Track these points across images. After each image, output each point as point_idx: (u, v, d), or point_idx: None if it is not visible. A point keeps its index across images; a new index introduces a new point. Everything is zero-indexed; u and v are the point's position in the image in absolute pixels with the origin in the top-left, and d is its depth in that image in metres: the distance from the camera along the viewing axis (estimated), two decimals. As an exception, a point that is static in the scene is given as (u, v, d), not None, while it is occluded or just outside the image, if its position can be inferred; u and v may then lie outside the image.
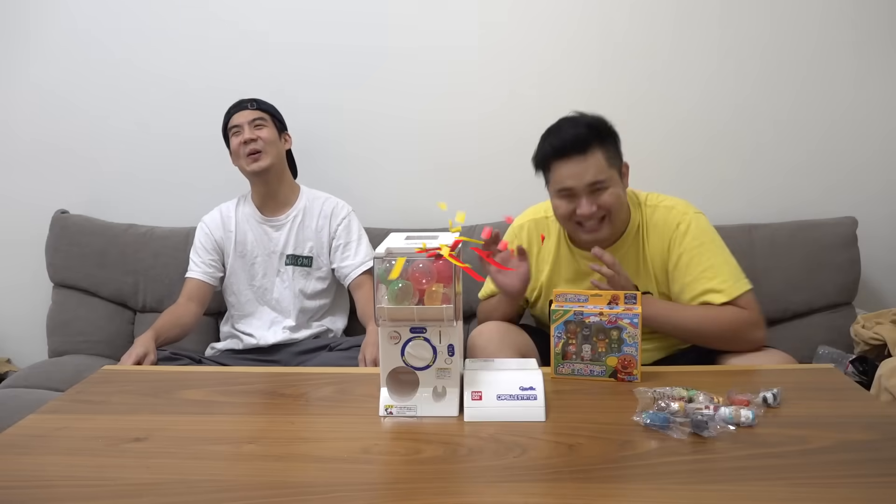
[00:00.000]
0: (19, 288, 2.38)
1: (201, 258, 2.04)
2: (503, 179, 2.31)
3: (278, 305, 2.04)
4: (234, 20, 2.27)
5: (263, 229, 2.05)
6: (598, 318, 1.34)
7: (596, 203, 1.56)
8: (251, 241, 2.04)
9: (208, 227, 2.06)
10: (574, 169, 1.55)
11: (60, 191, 2.35)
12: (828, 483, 0.98)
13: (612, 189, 1.57)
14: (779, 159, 2.28)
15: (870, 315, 2.05)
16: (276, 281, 2.05)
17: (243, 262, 2.05)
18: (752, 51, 2.23)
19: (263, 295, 2.05)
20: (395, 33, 2.27)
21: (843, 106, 2.25)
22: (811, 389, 1.32)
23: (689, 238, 1.60)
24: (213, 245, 2.05)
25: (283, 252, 2.04)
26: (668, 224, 1.63)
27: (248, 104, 2.03)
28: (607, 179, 1.56)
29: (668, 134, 2.23)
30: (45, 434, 1.18)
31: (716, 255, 1.59)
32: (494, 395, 1.21)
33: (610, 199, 1.56)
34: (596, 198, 1.56)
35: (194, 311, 1.99)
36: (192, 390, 1.40)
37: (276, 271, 2.05)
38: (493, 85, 2.28)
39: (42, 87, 2.32)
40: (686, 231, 1.60)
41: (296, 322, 2.03)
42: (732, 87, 2.25)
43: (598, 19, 2.24)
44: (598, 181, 1.55)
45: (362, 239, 2.07)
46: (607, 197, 1.56)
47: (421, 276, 1.18)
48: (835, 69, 2.23)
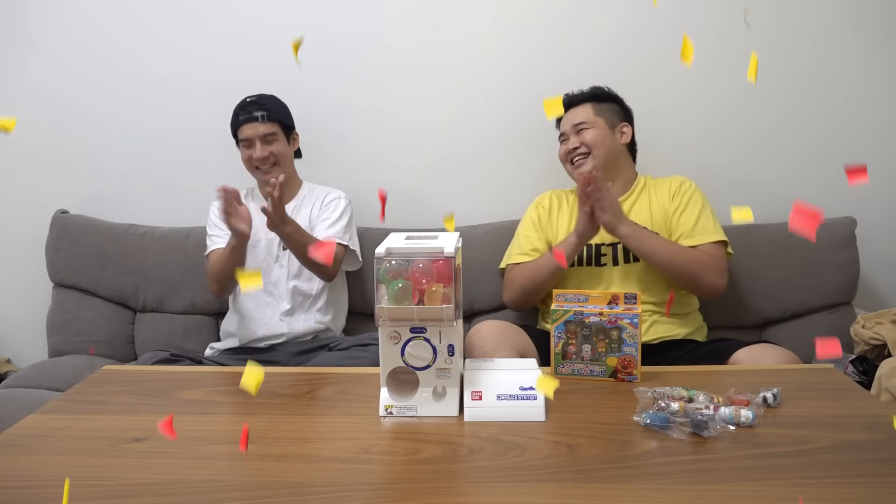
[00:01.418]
0: (19, 288, 2.38)
1: (221, 230, 2.00)
2: (503, 179, 2.32)
3: (275, 289, 2.05)
4: (234, 19, 2.27)
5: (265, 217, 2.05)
6: (598, 318, 1.34)
7: (580, 140, 1.96)
8: (256, 225, 2.02)
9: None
10: (567, 117, 2.01)
11: (60, 191, 2.35)
12: (828, 483, 0.98)
13: (595, 130, 1.96)
14: (777, 159, 2.28)
15: (870, 315, 2.05)
16: (274, 266, 2.06)
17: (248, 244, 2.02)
18: (749, 50, 2.23)
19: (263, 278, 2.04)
20: (396, 31, 2.27)
21: (842, 106, 2.25)
22: (811, 389, 1.32)
23: (689, 193, 1.94)
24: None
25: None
26: (673, 181, 1.99)
27: (257, 116, 2.00)
28: (590, 122, 1.96)
29: (664, 134, 2.23)
30: (45, 434, 1.18)
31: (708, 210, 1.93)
32: (494, 395, 1.22)
33: (590, 137, 1.95)
34: (580, 136, 1.96)
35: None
36: (192, 390, 1.40)
37: (274, 256, 2.06)
38: (495, 88, 2.28)
39: (42, 88, 2.32)
40: (688, 188, 1.96)
41: (290, 305, 2.03)
42: (730, 86, 2.25)
43: (595, 12, 2.24)
44: (582, 122, 1.97)
45: (343, 218, 2.06)
46: (589, 135, 1.95)
47: (421, 276, 1.18)
48: (834, 68, 2.23)
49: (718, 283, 1.83)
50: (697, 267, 1.81)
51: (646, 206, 1.96)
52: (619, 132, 2.00)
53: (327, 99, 2.30)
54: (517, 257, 2.01)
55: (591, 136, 1.95)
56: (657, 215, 1.93)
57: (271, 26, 2.27)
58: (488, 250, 2.18)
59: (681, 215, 1.91)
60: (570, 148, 1.98)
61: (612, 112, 2.00)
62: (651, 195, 1.98)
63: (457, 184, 2.34)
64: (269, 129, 2.00)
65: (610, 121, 1.98)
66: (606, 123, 1.97)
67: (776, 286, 2.13)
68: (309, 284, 2.06)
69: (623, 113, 2.03)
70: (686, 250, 1.84)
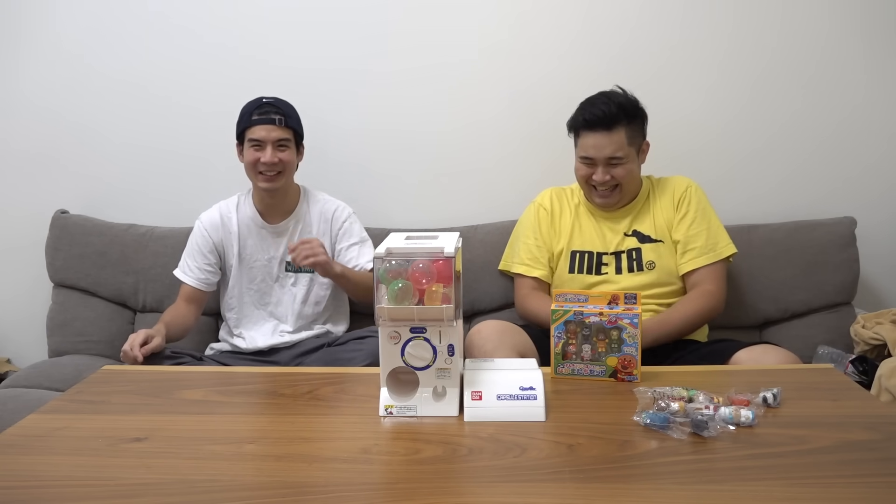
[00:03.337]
0: (19, 288, 2.38)
1: (196, 262, 1.99)
2: (504, 180, 2.32)
3: (276, 311, 2.02)
4: (235, 19, 2.27)
5: (263, 234, 2.00)
6: (598, 318, 1.34)
7: (610, 173, 1.83)
8: (251, 246, 2.00)
9: (206, 230, 2.01)
10: (597, 141, 1.82)
11: (60, 191, 2.35)
12: (828, 483, 0.98)
13: (627, 165, 1.83)
14: (777, 160, 2.28)
15: (870, 315, 2.05)
16: (274, 286, 2.01)
17: (241, 265, 2.01)
18: (753, 52, 2.23)
19: (261, 299, 2.02)
20: (396, 32, 2.27)
21: (842, 106, 2.25)
22: (811, 389, 1.32)
23: (693, 201, 1.91)
24: (211, 247, 2.00)
25: (283, 258, 2.00)
26: (678, 186, 1.94)
27: (275, 118, 1.90)
28: (625, 157, 1.82)
29: (667, 135, 2.22)
30: (45, 434, 1.18)
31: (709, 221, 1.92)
32: (494, 395, 1.21)
33: (622, 173, 1.83)
34: (611, 169, 1.83)
35: (194, 312, 2.00)
36: (192, 390, 1.40)
37: (274, 277, 2.01)
38: (495, 88, 2.28)
39: (42, 88, 2.32)
40: (693, 194, 1.92)
41: (294, 327, 2.01)
42: (732, 87, 2.25)
43: (598, 21, 2.23)
44: (616, 157, 1.82)
45: (366, 241, 2.04)
46: (621, 171, 1.83)
47: (421, 276, 1.18)
48: (835, 70, 2.23)
49: (721, 309, 1.89)
50: (708, 315, 1.86)
51: (649, 214, 1.93)
52: (641, 153, 1.91)
53: (327, 100, 2.29)
54: (519, 267, 2.00)
55: (624, 172, 1.84)
56: (660, 224, 1.92)
57: (270, 29, 2.27)
58: (488, 250, 2.18)
59: (687, 227, 1.89)
60: (598, 181, 1.84)
61: (638, 133, 1.87)
62: (655, 203, 1.94)
63: (457, 184, 2.33)
64: (283, 135, 1.91)
65: (638, 145, 1.88)
66: (635, 151, 1.87)
67: (776, 286, 2.13)
68: (315, 308, 2.03)
69: (644, 125, 1.90)
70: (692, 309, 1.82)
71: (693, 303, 1.84)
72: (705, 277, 1.87)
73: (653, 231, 1.91)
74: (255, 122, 1.91)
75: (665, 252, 1.90)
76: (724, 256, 1.90)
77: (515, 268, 2.02)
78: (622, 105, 1.82)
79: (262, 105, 1.92)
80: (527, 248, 2.00)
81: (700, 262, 1.87)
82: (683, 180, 1.95)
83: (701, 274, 1.87)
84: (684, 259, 1.89)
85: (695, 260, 1.88)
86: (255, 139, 1.90)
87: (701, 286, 1.86)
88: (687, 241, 1.89)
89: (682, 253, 1.89)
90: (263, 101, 1.93)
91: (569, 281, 1.93)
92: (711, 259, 1.88)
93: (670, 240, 1.91)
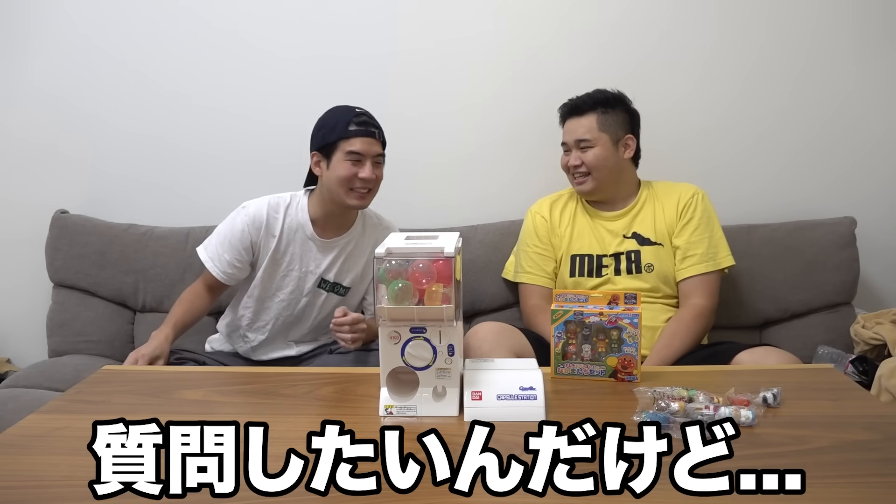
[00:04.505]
0: (19, 288, 2.38)
1: (228, 255, 1.84)
2: (504, 180, 2.32)
3: (292, 319, 1.92)
4: (234, 20, 2.27)
5: (308, 245, 1.86)
6: (598, 318, 1.34)
7: (581, 158, 1.89)
8: (291, 253, 1.86)
9: (249, 226, 1.83)
10: (569, 126, 1.94)
11: (60, 191, 2.35)
12: (827, 483, 0.98)
13: (597, 149, 1.88)
14: (777, 159, 2.28)
15: (869, 315, 2.05)
16: (302, 300, 1.89)
17: (274, 269, 1.87)
18: (748, 50, 2.24)
19: (283, 309, 1.90)
20: (396, 33, 2.27)
21: (842, 106, 2.25)
22: (811, 389, 1.33)
23: (699, 209, 1.91)
24: (248, 245, 1.84)
25: (321, 275, 1.88)
26: (684, 192, 1.94)
27: (374, 131, 1.78)
28: (594, 140, 1.88)
29: (664, 134, 2.23)
30: (45, 434, 1.18)
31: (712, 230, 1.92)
32: (494, 395, 1.21)
33: (590, 158, 1.88)
34: (581, 154, 1.90)
35: (210, 300, 1.91)
36: (192, 390, 1.40)
37: (304, 291, 1.88)
38: (495, 88, 2.29)
39: (42, 88, 2.32)
40: (699, 202, 1.92)
41: (300, 339, 1.96)
42: (729, 86, 2.25)
43: (592, 12, 2.24)
44: (585, 140, 1.89)
45: None
46: (589, 155, 1.88)
47: (421, 276, 1.18)
48: (833, 68, 2.23)
49: (712, 323, 1.89)
50: (703, 330, 1.85)
51: (650, 216, 1.93)
52: (622, 146, 1.91)
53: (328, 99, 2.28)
54: (526, 276, 2.00)
55: (593, 156, 1.88)
56: (661, 227, 1.92)
57: (270, 30, 2.27)
58: (488, 250, 2.18)
59: (690, 234, 1.89)
60: (571, 164, 1.92)
61: (617, 123, 1.90)
62: (656, 205, 1.94)
63: (457, 184, 2.34)
64: (380, 150, 1.79)
65: (614, 135, 1.89)
66: (611, 139, 1.89)
67: (776, 286, 2.13)
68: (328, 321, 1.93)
69: (629, 121, 1.93)
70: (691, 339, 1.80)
71: (690, 330, 1.81)
72: (699, 288, 1.86)
73: (653, 234, 1.91)
74: (354, 133, 1.75)
75: (664, 255, 1.90)
76: (722, 267, 1.90)
77: (520, 277, 2.03)
78: (595, 95, 1.92)
79: (358, 115, 1.77)
80: (528, 257, 2.00)
81: (698, 269, 1.87)
82: (690, 187, 1.95)
83: (696, 283, 1.87)
84: (683, 265, 1.89)
85: (693, 267, 1.87)
86: (356, 152, 1.75)
87: (694, 300, 1.85)
88: (688, 247, 1.88)
89: (681, 259, 1.89)
90: (357, 111, 1.78)
91: (571, 285, 1.94)
92: (709, 268, 1.87)
93: (670, 244, 1.91)
